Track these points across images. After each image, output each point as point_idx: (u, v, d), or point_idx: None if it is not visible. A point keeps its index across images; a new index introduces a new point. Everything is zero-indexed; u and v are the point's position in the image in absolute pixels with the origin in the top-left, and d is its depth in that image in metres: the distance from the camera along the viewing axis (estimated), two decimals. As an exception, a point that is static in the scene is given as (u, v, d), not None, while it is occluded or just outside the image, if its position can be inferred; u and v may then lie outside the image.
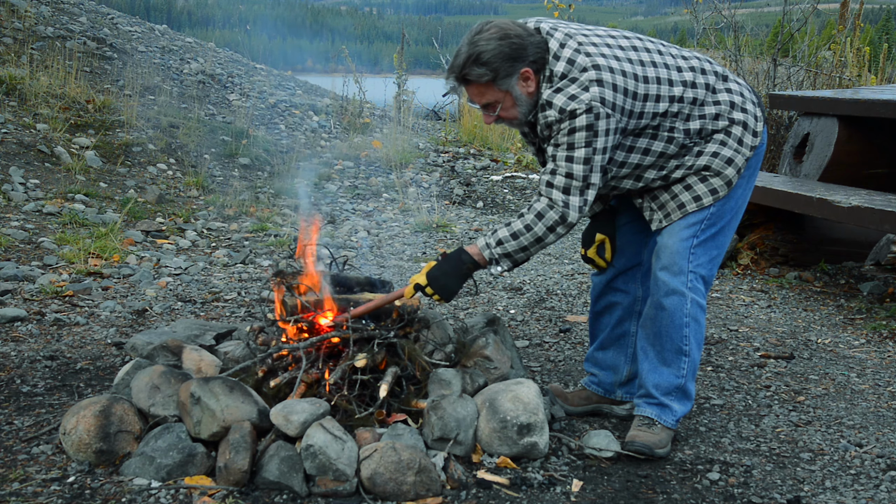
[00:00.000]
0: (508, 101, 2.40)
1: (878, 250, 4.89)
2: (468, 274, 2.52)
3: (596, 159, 2.33)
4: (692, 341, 2.54)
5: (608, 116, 2.29)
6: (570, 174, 2.35)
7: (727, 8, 7.89)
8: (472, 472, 2.41)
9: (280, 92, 9.92)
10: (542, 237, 2.42)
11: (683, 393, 2.59)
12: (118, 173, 6.12)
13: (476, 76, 2.34)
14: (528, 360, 3.45)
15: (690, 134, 2.44)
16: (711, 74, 2.47)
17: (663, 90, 2.39)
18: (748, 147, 2.47)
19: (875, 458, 2.63)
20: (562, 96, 2.31)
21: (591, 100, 2.28)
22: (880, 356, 3.60)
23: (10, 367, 3.09)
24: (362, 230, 5.78)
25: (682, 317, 2.50)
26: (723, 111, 2.45)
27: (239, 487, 2.26)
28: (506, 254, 2.46)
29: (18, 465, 2.39)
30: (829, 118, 5.06)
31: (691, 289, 2.49)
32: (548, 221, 2.40)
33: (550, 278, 4.74)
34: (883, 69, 8.37)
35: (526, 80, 2.36)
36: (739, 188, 2.53)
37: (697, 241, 2.48)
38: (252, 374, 2.63)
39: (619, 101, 2.31)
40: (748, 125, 2.47)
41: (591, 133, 2.29)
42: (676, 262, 2.48)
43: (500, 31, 2.32)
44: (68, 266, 4.34)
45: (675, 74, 2.42)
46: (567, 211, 2.38)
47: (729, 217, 2.54)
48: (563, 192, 2.37)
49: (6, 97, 6.55)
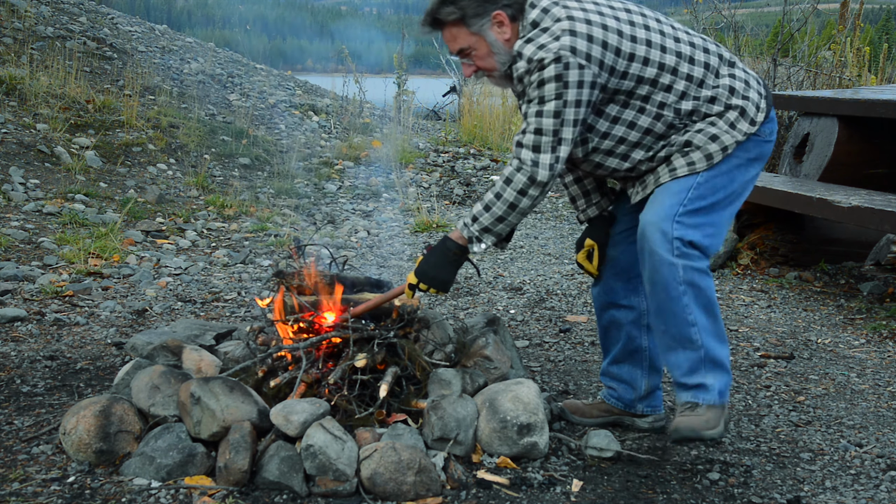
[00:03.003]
0: (483, 48, 2.30)
1: (878, 250, 4.89)
2: (458, 260, 2.42)
3: (567, 112, 2.19)
4: (695, 308, 2.32)
5: (581, 67, 2.16)
6: (538, 129, 2.22)
7: (727, 8, 7.90)
8: (472, 472, 2.41)
9: (280, 92, 9.92)
10: (515, 203, 2.29)
11: (712, 363, 2.35)
12: (118, 173, 6.12)
13: (445, 14, 2.28)
14: (528, 360, 3.45)
15: (681, 114, 2.31)
16: (715, 56, 2.35)
17: (653, 54, 2.25)
18: (741, 132, 2.32)
19: (875, 458, 2.63)
20: (531, 46, 2.20)
21: (560, 49, 2.15)
22: (880, 356, 3.60)
23: (10, 367, 3.09)
24: (362, 230, 5.78)
25: (676, 286, 2.29)
26: (720, 94, 2.32)
27: (239, 487, 2.26)
28: (483, 228, 2.35)
29: (18, 465, 2.39)
30: (829, 118, 5.06)
31: (681, 255, 2.28)
32: (517, 185, 2.27)
33: (550, 278, 4.74)
34: (883, 69, 8.37)
35: (500, 24, 2.27)
36: (734, 169, 2.35)
37: (684, 209, 2.30)
38: (252, 374, 2.63)
39: (595, 52, 2.18)
40: (746, 112, 2.33)
41: (560, 84, 2.16)
42: (659, 230, 2.29)
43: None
44: (68, 266, 4.34)
45: (671, 43, 2.29)
46: (536, 170, 2.24)
47: (722, 195, 2.35)
48: (532, 149, 2.24)
49: (6, 97, 6.55)
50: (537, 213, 6.64)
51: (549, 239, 5.78)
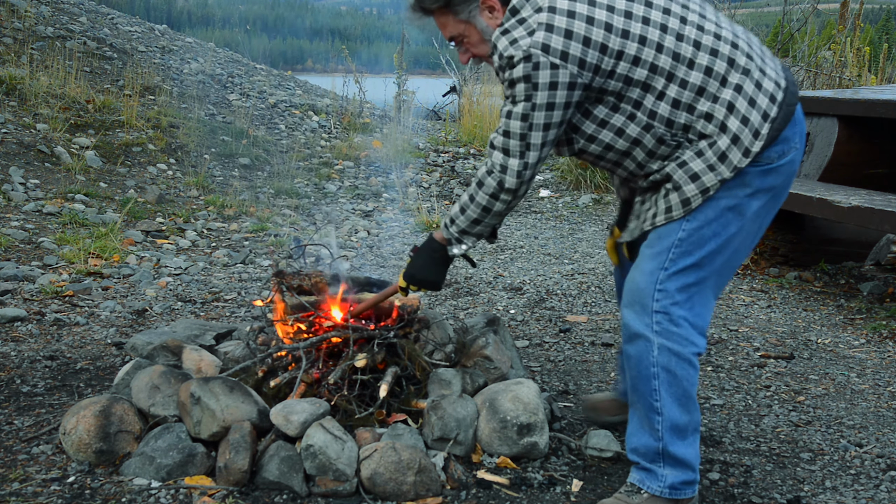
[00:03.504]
0: (474, 35, 2.14)
1: (878, 250, 4.89)
2: (445, 259, 2.33)
3: (535, 116, 1.99)
4: (664, 396, 2.09)
5: (553, 67, 1.94)
6: (507, 132, 2.05)
7: (727, 8, 7.90)
8: (472, 472, 2.41)
9: (280, 92, 9.92)
10: (488, 206, 2.16)
11: (672, 460, 2.14)
12: (118, 173, 6.12)
13: (430, 2, 2.12)
14: (528, 360, 3.45)
15: (674, 127, 2.02)
16: (724, 61, 2.00)
17: (646, 53, 1.98)
18: (729, 167, 2.00)
19: (875, 458, 2.63)
20: (505, 40, 2.00)
21: (532, 46, 1.94)
22: (880, 356, 3.60)
23: (10, 367, 3.09)
24: (362, 230, 5.78)
25: (649, 367, 2.07)
26: (717, 111, 2.00)
27: (239, 487, 2.26)
28: (461, 230, 2.24)
29: (18, 465, 2.39)
30: (829, 118, 5.06)
31: (659, 332, 2.05)
32: (488, 189, 2.13)
33: (550, 278, 4.74)
34: (883, 69, 8.37)
35: (490, 9, 2.09)
36: (726, 211, 2.04)
37: (666, 273, 2.05)
38: (252, 374, 2.63)
39: (573, 50, 1.94)
40: (739, 140, 1.99)
41: (529, 85, 1.96)
42: (639, 300, 2.07)
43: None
44: (68, 266, 4.34)
45: (670, 41, 1.99)
46: (503, 177, 2.08)
47: (713, 245, 2.05)
48: (501, 152, 2.08)
49: (6, 97, 6.55)
50: (537, 213, 6.64)
51: (549, 239, 5.78)
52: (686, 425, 2.13)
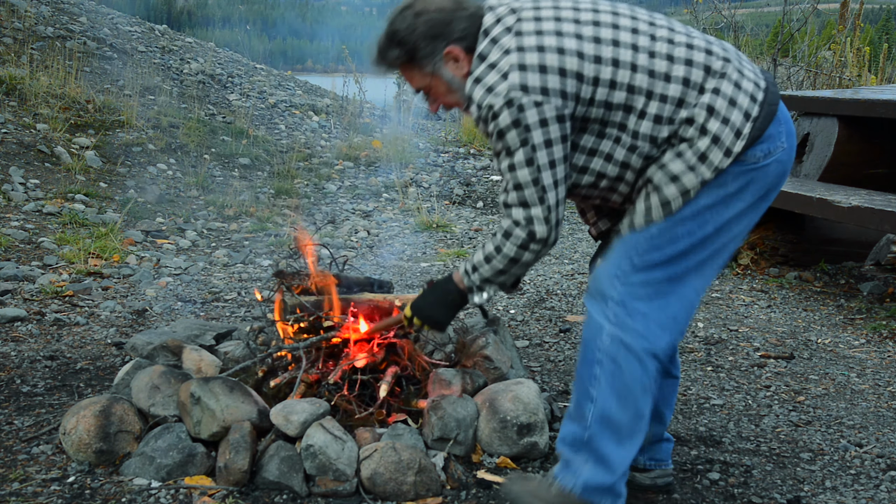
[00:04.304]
0: (441, 87, 2.08)
1: (878, 250, 4.89)
2: (457, 303, 2.23)
3: (540, 157, 1.93)
4: (602, 384, 2.01)
5: (538, 105, 1.89)
6: (517, 185, 1.97)
7: (727, 8, 7.90)
8: (472, 472, 2.41)
9: (280, 92, 9.93)
10: (517, 257, 2.05)
11: (595, 456, 2.03)
12: (118, 173, 6.13)
13: (392, 58, 2.07)
14: (528, 360, 3.45)
15: (658, 143, 1.97)
16: (700, 69, 1.96)
17: (621, 75, 1.93)
18: (710, 167, 1.94)
19: (875, 458, 2.63)
20: (479, 89, 1.94)
21: (510, 89, 1.89)
22: (880, 356, 3.60)
23: (10, 367, 3.09)
24: (362, 230, 5.78)
25: (594, 351, 2.02)
26: (697, 115, 1.94)
27: (239, 487, 2.26)
28: (484, 279, 2.14)
29: (18, 465, 2.39)
30: (829, 118, 5.06)
31: (614, 322, 1.99)
32: (517, 240, 2.03)
33: (550, 278, 4.74)
34: (883, 69, 8.37)
35: (455, 60, 2.03)
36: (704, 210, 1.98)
37: (631, 265, 2.00)
38: (252, 374, 2.64)
39: (552, 83, 1.89)
40: (720, 140, 1.93)
41: (520, 130, 1.91)
42: (600, 288, 2.03)
43: (422, 6, 2.04)
44: (68, 266, 4.34)
45: (643, 59, 1.95)
46: (533, 228, 1.99)
47: (685, 243, 1.99)
48: (520, 206, 1.99)
49: (6, 97, 6.55)
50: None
51: (549, 239, 5.77)
52: (621, 424, 2.02)
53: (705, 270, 2.04)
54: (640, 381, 2.01)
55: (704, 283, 2.07)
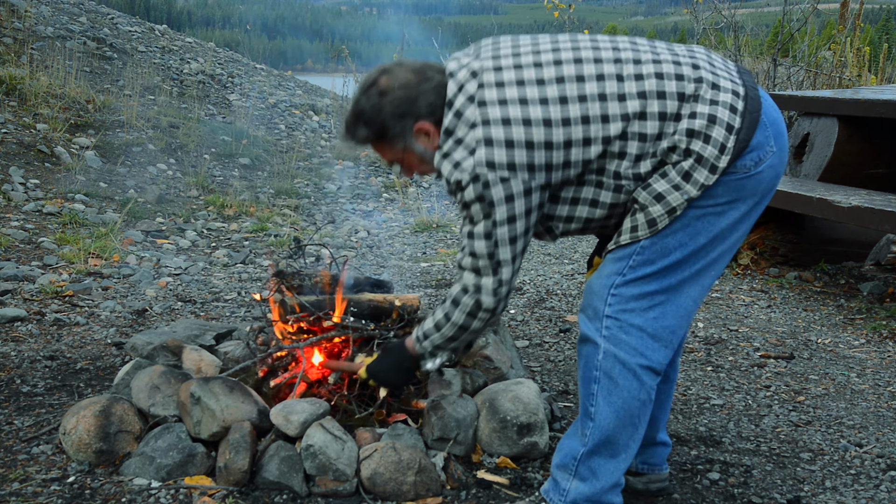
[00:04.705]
0: (413, 159, 2.07)
1: (878, 250, 4.89)
2: (411, 368, 2.25)
3: (499, 232, 1.93)
4: (599, 402, 2.01)
5: (504, 181, 1.88)
6: (473, 253, 1.97)
7: (727, 8, 7.90)
8: (472, 472, 2.41)
9: (280, 92, 9.93)
10: (465, 325, 2.07)
11: (587, 468, 2.06)
12: (118, 173, 6.13)
13: (361, 137, 2.06)
14: (528, 360, 3.45)
15: (642, 177, 1.94)
16: (674, 99, 1.91)
17: (594, 130, 1.89)
18: (696, 185, 1.90)
19: (875, 458, 2.63)
20: (447, 164, 1.93)
21: (476, 165, 1.88)
22: (880, 356, 3.60)
23: (10, 367, 3.09)
24: (362, 230, 5.78)
25: (592, 370, 2.02)
26: (679, 142, 1.90)
27: (239, 487, 2.26)
28: (436, 346, 2.15)
29: (18, 465, 2.39)
30: (829, 118, 5.06)
31: (608, 338, 1.98)
32: (464, 308, 2.04)
33: (550, 278, 4.74)
34: (883, 69, 8.37)
35: (426, 135, 2.00)
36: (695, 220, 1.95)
37: (622, 279, 1.98)
38: (252, 374, 2.64)
39: (519, 158, 1.88)
40: (704, 158, 1.89)
41: (484, 205, 1.90)
42: (592, 304, 2.02)
43: (386, 84, 2.00)
44: (68, 266, 4.34)
45: (615, 107, 1.90)
46: (480, 297, 2.00)
47: (678, 255, 1.97)
48: (472, 272, 2.00)
49: (6, 97, 6.55)
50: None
51: (549, 239, 5.77)
52: (618, 441, 2.03)
53: (702, 280, 2.02)
54: (638, 398, 2.01)
55: (702, 291, 2.04)
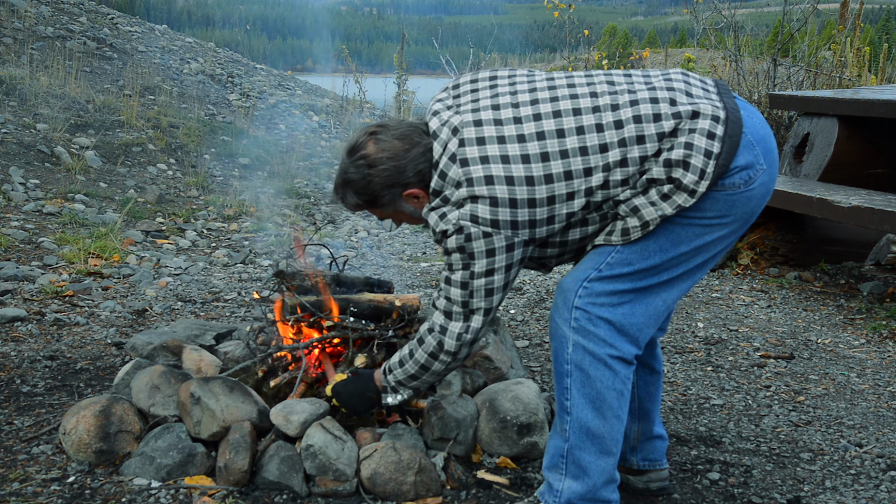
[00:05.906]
0: (403, 217, 2.14)
1: (878, 250, 4.89)
2: (374, 399, 2.30)
3: (475, 283, 1.98)
4: (574, 395, 2.02)
5: (486, 236, 1.92)
6: (448, 297, 2.03)
7: (727, 8, 7.90)
8: (472, 472, 2.41)
9: (280, 92, 9.93)
10: (427, 365, 2.13)
11: (575, 466, 2.05)
12: (118, 173, 6.13)
13: (351, 204, 2.11)
14: (528, 360, 3.45)
15: (626, 202, 1.97)
16: (653, 140, 1.92)
17: (576, 184, 1.92)
18: (672, 205, 1.92)
19: (875, 458, 2.63)
20: (434, 215, 1.99)
21: (460, 219, 1.93)
22: (880, 356, 3.60)
23: (10, 367, 3.09)
24: (362, 230, 5.78)
25: (563, 363, 2.03)
26: (658, 173, 1.93)
27: (239, 487, 2.26)
28: (398, 381, 2.22)
29: (18, 465, 2.39)
30: (829, 118, 5.06)
31: (577, 329, 1.99)
32: (427, 348, 2.10)
33: (550, 278, 4.74)
34: (883, 69, 8.36)
35: (416, 198, 2.05)
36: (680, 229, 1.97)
37: (597, 274, 2.00)
38: (252, 374, 2.63)
39: (502, 215, 1.91)
40: (683, 184, 1.91)
41: (465, 255, 1.96)
42: (563, 295, 2.04)
43: (374, 154, 2.02)
44: (68, 266, 4.34)
45: (597, 159, 1.92)
46: (443, 339, 2.06)
47: (657, 259, 1.99)
48: (444, 314, 2.06)
49: (6, 97, 6.55)
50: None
51: (549, 239, 5.78)
52: (601, 433, 2.03)
53: (678, 285, 2.04)
54: (613, 387, 2.01)
55: (677, 294, 2.06)
